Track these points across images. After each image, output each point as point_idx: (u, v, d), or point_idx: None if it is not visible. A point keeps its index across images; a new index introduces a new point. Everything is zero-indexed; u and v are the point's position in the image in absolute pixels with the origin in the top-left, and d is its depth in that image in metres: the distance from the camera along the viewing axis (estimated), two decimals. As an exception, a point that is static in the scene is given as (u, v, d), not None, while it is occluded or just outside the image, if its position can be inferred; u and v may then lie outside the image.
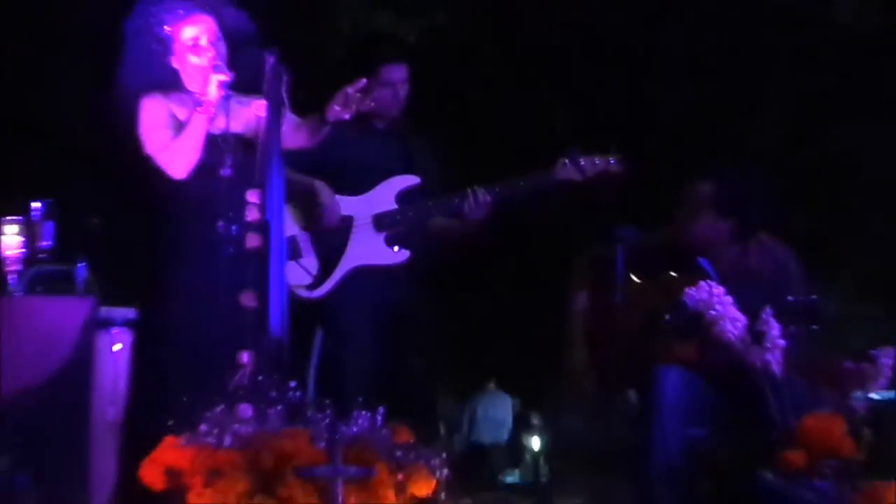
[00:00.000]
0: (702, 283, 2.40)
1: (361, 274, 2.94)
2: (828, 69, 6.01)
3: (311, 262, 2.94)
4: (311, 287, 2.92)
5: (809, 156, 6.13)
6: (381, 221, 2.95)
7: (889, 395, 2.56)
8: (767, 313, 2.36)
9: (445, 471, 2.11)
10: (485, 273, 6.22)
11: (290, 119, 2.54)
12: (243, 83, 2.54)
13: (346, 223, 2.94)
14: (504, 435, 6.84)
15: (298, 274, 2.89)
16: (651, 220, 3.12)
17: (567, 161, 2.98)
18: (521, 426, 6.95)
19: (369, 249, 2.99)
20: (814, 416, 2.34)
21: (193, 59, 2.57)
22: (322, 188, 2.89)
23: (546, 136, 5.41)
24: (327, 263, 2.94)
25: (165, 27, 2.58)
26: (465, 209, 2.97)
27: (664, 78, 6.25)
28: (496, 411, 7.06)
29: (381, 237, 2.97)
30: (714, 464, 2.52)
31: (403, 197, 2.98)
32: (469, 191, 2.95)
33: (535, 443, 6.21)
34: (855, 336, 3.49)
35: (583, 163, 2.98)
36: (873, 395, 2.52)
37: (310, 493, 1.93)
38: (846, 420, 2.32)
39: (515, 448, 6.82)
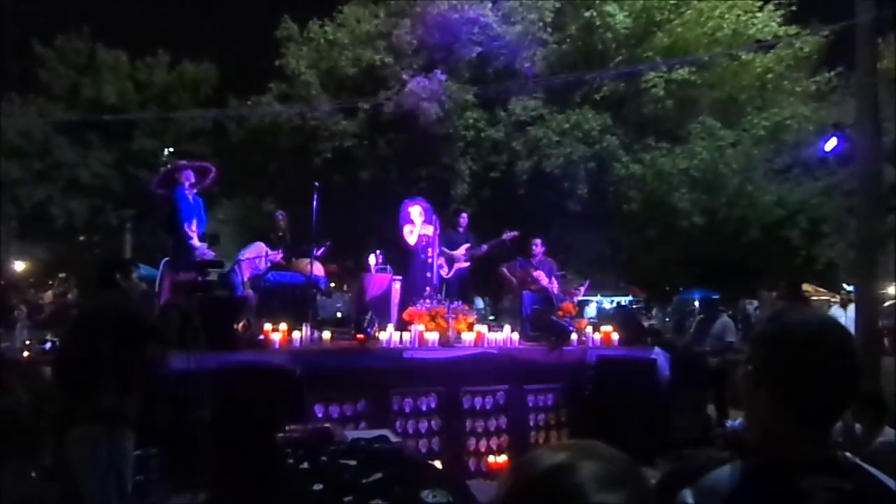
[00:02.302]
0: (538, 270, 8.76)
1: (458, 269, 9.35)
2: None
3: (447, 271, 9.07)
4: (448, 276, 9.12)
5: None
6: (462, 257, 9.28)
7: (584, 298, 8.97)
8: (552, 280, 8.75)
9: (475, 316, 8.42)
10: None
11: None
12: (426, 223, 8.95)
13: (454, 259, 9.24)
14: (481, 304, 14.34)
15: (446, 274, 9.14)
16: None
17: (504, 234, 9.16)
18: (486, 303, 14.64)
19: (461, 264, 9.29)
20: (565, 302, 8.57)
21: (416, 216, 8.90)
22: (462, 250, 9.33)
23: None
24: (450, 270, 9.17)
25: (409, 208, 8.85)
26: (481, 251, 9.15)
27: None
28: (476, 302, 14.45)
29: (462, 259, 9.30)
30: (538, 304, 8.58)
31: (466, 250, 9.23)
32: (478, 247, 9.17)
33: (489, 309, 13.59)
34: (573, 282, 9.62)
35: (508, 233, 9.15)
36: (580, 298, 8.95)
37: (445, 321, 7.88)
38: (571, 304, 8.81)
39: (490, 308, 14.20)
